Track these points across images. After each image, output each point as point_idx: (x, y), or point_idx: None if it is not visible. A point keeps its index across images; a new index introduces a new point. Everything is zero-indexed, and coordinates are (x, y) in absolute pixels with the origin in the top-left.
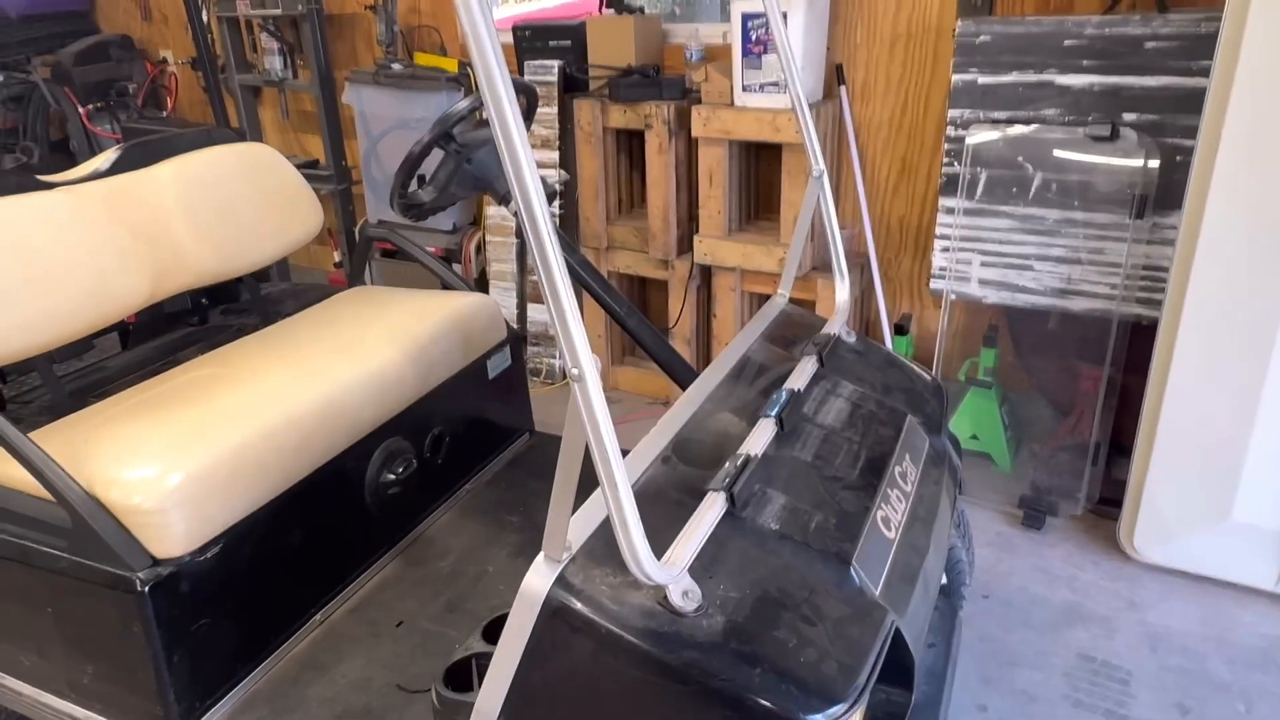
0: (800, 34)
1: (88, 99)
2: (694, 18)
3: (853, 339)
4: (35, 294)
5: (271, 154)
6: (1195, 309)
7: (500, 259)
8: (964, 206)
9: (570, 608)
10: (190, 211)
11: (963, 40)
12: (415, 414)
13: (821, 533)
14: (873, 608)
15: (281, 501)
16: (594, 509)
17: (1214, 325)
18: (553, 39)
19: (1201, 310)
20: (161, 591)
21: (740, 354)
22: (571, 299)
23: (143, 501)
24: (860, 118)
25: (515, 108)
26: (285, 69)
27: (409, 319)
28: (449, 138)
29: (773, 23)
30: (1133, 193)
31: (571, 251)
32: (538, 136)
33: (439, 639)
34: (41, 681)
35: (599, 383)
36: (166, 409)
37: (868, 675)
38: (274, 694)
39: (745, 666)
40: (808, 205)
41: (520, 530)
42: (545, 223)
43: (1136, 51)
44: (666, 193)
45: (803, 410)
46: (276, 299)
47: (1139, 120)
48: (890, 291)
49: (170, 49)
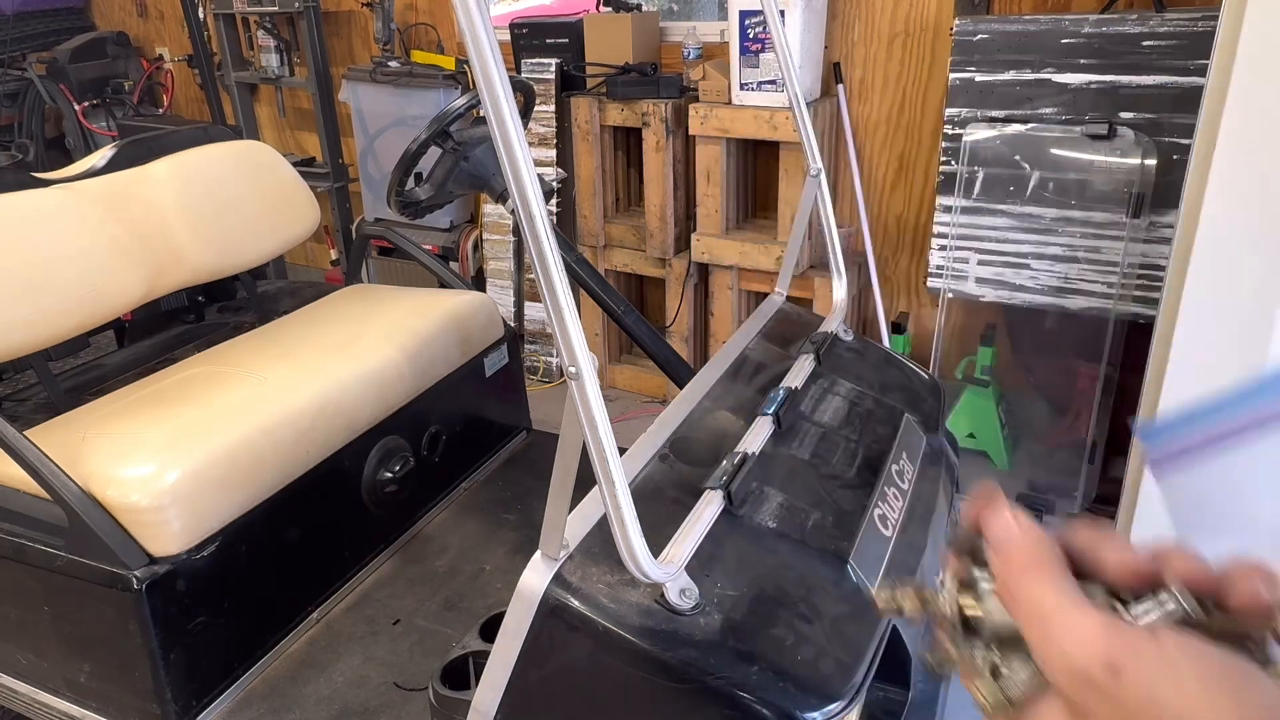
0: (798, 32)
1: (83, 96)
2: (691, 15)
3: (850, 337)
4: (31, 291)
5: (268, 152)
6: (1192, 307)
7: (497, 257)
8: (961, 205)
9: (567, 606)
10: (186, 209)
11: (960, 38)
12: (412, 412)
13: (819, 531)
14: (870, 605)
15: (278, 499)
16: (591, 507)
17: (1211, 324)
18: (550, 37)
19: (1198, 309)
20: (158, 590)
21: (737, 352)
22: (569, 297)
23: (139, 499)
24: (858, 116)
25: (512, 105)
26: (282, 66)
27: (406, 317)
28: (446, 135)
29: (770, 20)
30: (1130, 191)
31: (569, 250)
32: (535, 134)
33: (436, 637)
34: (38, 680)
35: (596, 381)
36: (163, 407)
37: (865, 673)
38: (271, 692)
39: (742, 664)
40: (805, 203)
41: (517, 528)
42: (542, 221)
43: (1134, 50)
44: (664, 191)
45: (800, 409)
46: (273, 297)
47: (1136, 119)
48: (888, 290)
49: (166, 46)
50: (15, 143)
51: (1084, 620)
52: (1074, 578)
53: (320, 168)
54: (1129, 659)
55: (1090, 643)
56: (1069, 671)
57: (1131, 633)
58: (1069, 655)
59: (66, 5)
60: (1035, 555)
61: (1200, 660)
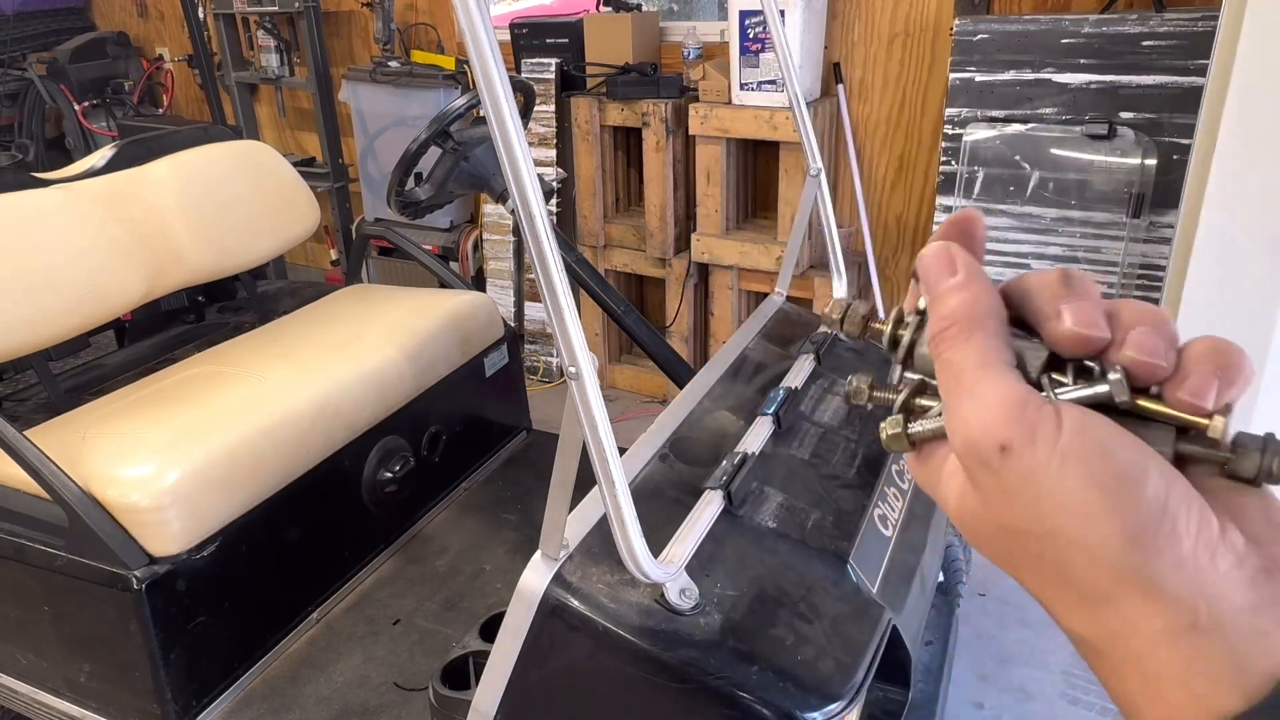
0: (798, 32)
1: (83, 96)
2: (691, 15)
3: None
4: (31, 291)
5: (268, 152)
6: (1192, 308)
7: (497, 257)
8: (961, 205)
9: (567, 606)
10: (187, 209)
11: (960, 38)
12: (412, 412)
13: (819, 531)
14: (870, 605)
15: (278, 499)
16: (591, 507)
17: (1210, 324)
18: (550, 36)
19: (1198, 309)
20: (158, 590)
21: (738, 352)
22: (569, 297)
23: (139, 499)
24: (858, 116)
25: (513, 105)
26: (282, 66)
27: (406, 317)
28: (446, 135)
29: (770, 20)
30: (1130, 191)
31: (569, 250)
32: (535, 134)
33: (436, 637)
34: (38, 680)
35: (596, 381)
36: (163, 407)
37: (864, 673)
38: (271, 692)
39: (742, 664)
40: (805, 203)
41: (517, 528)
42: (542, 221)
43: (1134, 50)
44: (664, 191)
45: (800, 408)
46: (273, 297)
47: (1136, 119)
48: (888, 290)
49: (167, 46)
50: (15, 143)
51: (994, 392)
52: (1011, 339)
53: (320, 168)
54: (1022, 441)
55: (991, 418)
56: (965, 440)
57: (1038, 414)
58: (969, 425)
59: (66, 5)
60: (969, 311)
61: (1094, 456)
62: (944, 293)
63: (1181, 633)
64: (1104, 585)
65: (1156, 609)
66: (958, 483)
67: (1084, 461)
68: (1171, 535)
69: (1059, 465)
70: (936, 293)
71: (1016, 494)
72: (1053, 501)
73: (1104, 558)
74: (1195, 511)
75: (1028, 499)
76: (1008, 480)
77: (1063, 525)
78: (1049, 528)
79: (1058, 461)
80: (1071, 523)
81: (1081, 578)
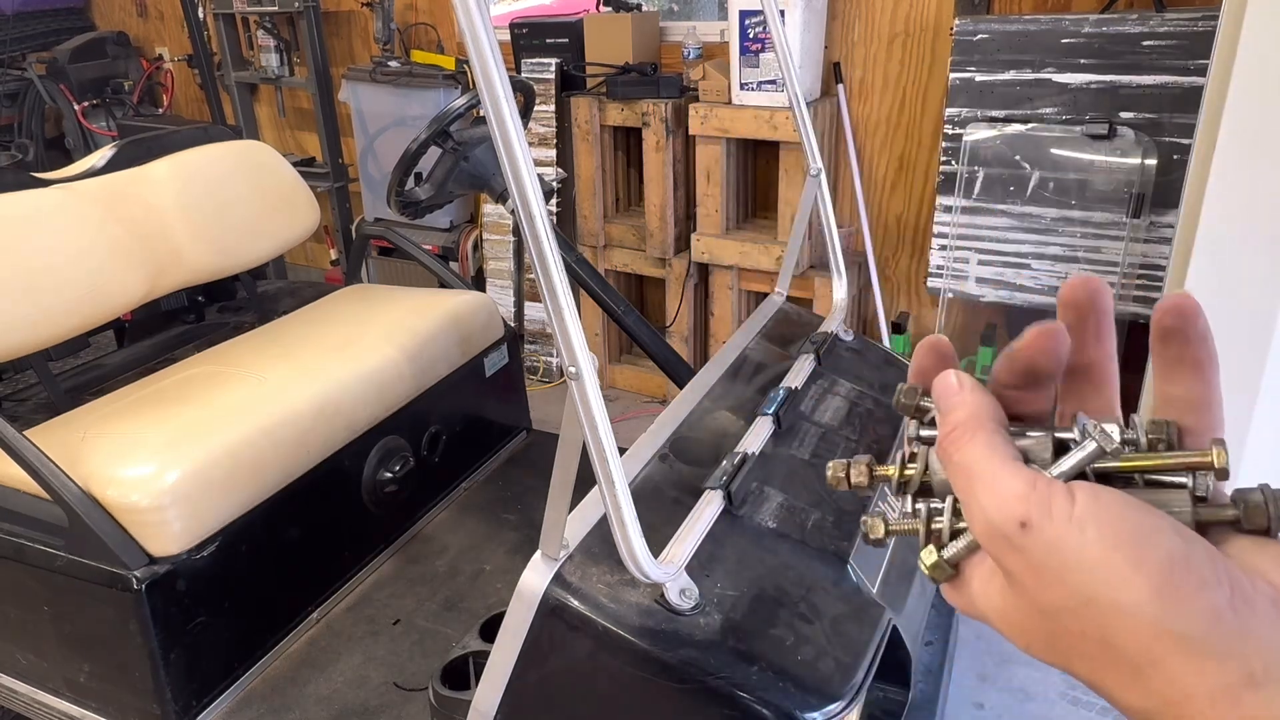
0: (798, 32)
1: (83, 96)
2: (691, 15)
3: (850, 337)
4: (31, 291)
5: (268, 151)
6: None
7: (497, 257)
8: (961, 205)
9: (567, 606)
10: (186, 209)
11: (960, 38)
12: (412, 412)
13: (819, 531)
14: (870, 605)
15: (278, 499)
16: (591, 507)
17: (1210, 324)
18: (550, 36)
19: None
20: (158, 590)
21: (738, 352)
22: (569, 297)
23: (139, 499)
24: (858, 116)
25: (512, 105)
26: (282, 66)
27: (406, 317)
28: (446, 135)
29: (770, 20)
30: (1130, 191)
31: (569, 249)
32: (535, 134)
33: (436, 637)
34: (38, 680)
35: (596, 381)
36: (163, 407)
37: (865, 673)
38: (271, 692)
39: (742, 664)
40: (805, 203)
41: (517, 528)
42: (542, 221)
43: (1134, 50)
44: (664, 191)
45: (800, 408)
46: (273, 297)
47: (1136, 119)
48: (888, 290)
49: (166, 46)
50: (15, 143)
51: (1006, 479)
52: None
53: (320, 168)
54: (1040, 514)
55: (1006, 498)
56: (987, 529)
57: (1049, 489)
58: (988, 513)
59: (66, 5)
60: (974, 416)
61: (1109, 519)
62: (948, 407)
63: (1241, 690)
64: (1145, 644)
65: (1207, 667)
66: (995, 586)
67: (1101, 526)
68: (1200, 587)
69: (1078, 533)
70: (947, 403)
71: (1045, 569)
72: (1080, 570)
73: (1139, 615)
74: (1221, 567)
75: (1056, 571)
76: (1034, 556)
77: (1095, 592)
78: (1082, 598)
79: (1076, 530)
80: (1102, 587)
81: (1124, 644)
